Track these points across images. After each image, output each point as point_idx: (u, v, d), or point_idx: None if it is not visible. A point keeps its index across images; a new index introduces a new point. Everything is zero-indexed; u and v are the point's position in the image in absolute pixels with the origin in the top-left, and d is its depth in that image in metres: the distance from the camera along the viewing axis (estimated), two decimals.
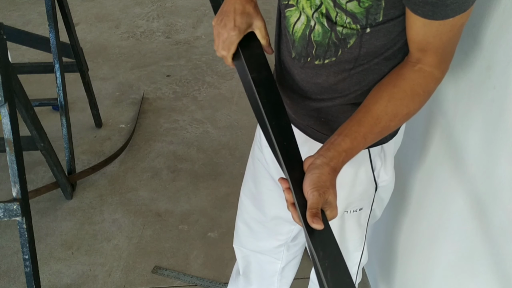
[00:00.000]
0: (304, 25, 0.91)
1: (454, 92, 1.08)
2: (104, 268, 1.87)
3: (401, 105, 0.83)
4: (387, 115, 0.82)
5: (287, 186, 0.81)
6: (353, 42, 0.87)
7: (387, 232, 1.55)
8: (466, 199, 1.05)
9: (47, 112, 2.66)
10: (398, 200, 1.43)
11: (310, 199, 0.75)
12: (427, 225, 1.27)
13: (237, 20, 0.96)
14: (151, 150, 2.46)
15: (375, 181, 1.07)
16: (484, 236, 0.99)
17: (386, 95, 0.83)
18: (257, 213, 1.27)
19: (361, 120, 0.83)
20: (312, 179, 0.77)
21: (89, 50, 3.26)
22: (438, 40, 0.79)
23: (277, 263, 1.36)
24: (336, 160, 0.80)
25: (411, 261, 1.40)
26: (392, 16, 0.82)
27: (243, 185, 1.32)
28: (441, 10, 0.74)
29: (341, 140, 0.81)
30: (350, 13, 0.82)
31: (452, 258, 1.13)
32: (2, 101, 1.48)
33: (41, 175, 2.27)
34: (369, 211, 1.13)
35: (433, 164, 1.22)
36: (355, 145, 0.82)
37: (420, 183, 1.31)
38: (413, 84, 0.83)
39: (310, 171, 0.79)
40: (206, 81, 2.99)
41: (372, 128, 0.82)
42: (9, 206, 1.50)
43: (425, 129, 1.24)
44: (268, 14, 3.72)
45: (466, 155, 1.05)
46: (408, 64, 0.85)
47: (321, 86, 0.97)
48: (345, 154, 0.81)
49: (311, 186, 0.76)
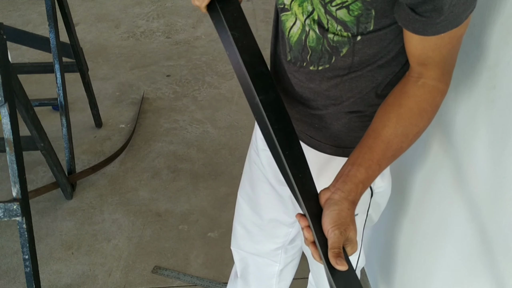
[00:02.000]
0: (300, 30, 0.90)
1: (454, 92, 1.08)
2: (104, 268, 1.87)
3: (410, 124, 0.80)
4: (397, 137, 0.80)
5: (306, 224, 0.77)
6: (346, 51, 0.86)
7: (388, 233, 1.55)
8: (466, 201, 1.05)
9: (47, 112, 2.66)
10: (398, 202, 1.43)
11: (331, 238, 0.72)
12: (427, 226, 1.27)
13: None
14: (151, 150, 2.46)
15: (371, 187, 1.06)
16: (484, 237, 0.99)
17: (393, 117, 0.80)
18: (254, 215, 1.27)
19: (372, 147, 0.81)
20: (332, 217, 0.74)
21: (89, 50, 3.26)
22: (438, 54, 0.78)
23: (275, 266, 1.36)
24: (354, 193, 0.78)
25: (411, 262, 1.40)
26: (383, 25, 0.80)
27: (240, 188, 1.32)
28: (431, 28, 0.73)
29: (356, 170, 0.79)
30: (340, 21, 0.81)
31: (452, 259, 1.13)
32: (2, 101, 1.48)
33: (41, 175, 2.27)
34: (364, 216, 1.11)
35: (433, 165, 1.22)
36: (370, 174, 0.79)
37: (420, 184, 1.31)
38: (419, 101, 0.80)
39: (329, 208, 0.76)
40: (206, 81, 2.99)
41: (385, 153, 0.80)
42: (9, 206, 1.50)
43: (426, 132, 1.24)
44: (268, 14, 3.73)
45: (466, 156, 1.05)
46: (410, 80, 0.82)
47: (314, 91, 0.96)
48: (362, 186, 0.79)
49: (332, 224, 0.73)
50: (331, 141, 1.02)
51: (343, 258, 0.71)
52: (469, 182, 1.04)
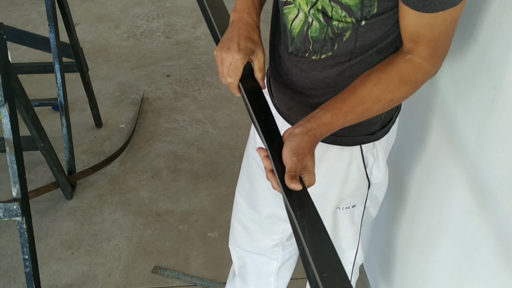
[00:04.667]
0: (302, 21, 0.91)
1: (454, 92, 1.08)
2: (104, 268, 1.87)
3: (386, 90, 0.84)
4: (371, 98, 0.84)
5: (265, 154, 0.83)
6: (349, 35, 0.88)
7: (387, 231, 1.55)
8: (465, 198, 1.05)
9: (47, 112, 2.66)
10: (397, 199, 1.43)
11: (289, 164, 0.77)
12: (426, 224, 1.27)
13: (241, 44, 0.92)
14: (151, 150, 2.46)
15: (368, 178, 1.07)
16: (483, 234, 0.99)
17: (373, 79, 0.84)
18: (252, 212, 1.28)
19: (345, 99, 0.85)
20: (291, 146, 0.79)
21: (89, 50, 3.26)
22: (430, 33, 0.80)
23: (273, 263, 1.36)
24: (315, 131, 0.82)
25: (410, 260, 1.40)
26: (386, 8, 0.83)
27: (238, 185, 1.33)
28: (430, 3, 0.75)
29: (322, 114, 0.83)
30: (345, 6, 0.83)
31: (451, 256, 1.13)
32: (2, 101, 1.48)
33: (41, 175, 2.27)
34: (362, 208, 1.13)
35: (432, 163, 1.22)
36: (335, 121, 0.84)
37: (418, 182, 1.31)
38: (401, 73, 0.84)
39: (289, 139, 0.81)
40: (206, 81, 2.99)
41: (355, 108, 0.84)
42: (9, 206, 1.50)
43: (424, 128, 1.24)
44: (268, 14, 3.72)
45: (465, 154, 1.05)
46: (400, 53, 0.86)
47: (315, 79, 0.97)
48: (323, 127, 0.83)
49: (290, 152, 0.78)
50: None
51: (298, 180, 0.75)
52: (468, 181, 1.04)
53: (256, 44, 0.94)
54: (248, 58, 0.94)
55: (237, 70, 0.92)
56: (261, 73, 0.97)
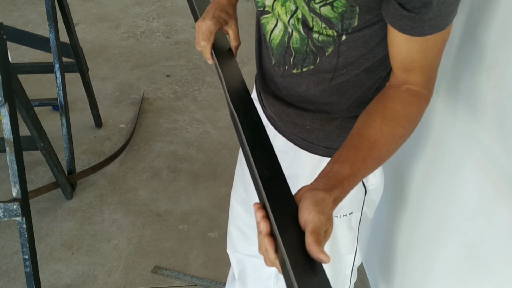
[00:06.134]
0: (282, 31, 0.89)
1: (454, 92, 1.08)
2: (104, 268, 1.87)
3: (396, 125, 0.75)
4: (383, 137, 0.74)
5: (263, 214, 0.65)
6: (331, 51, 0.85)
7: (387, 231, 1.55)
8: (466, 198, 1.05)
9: (47, 112, 2.66)
10: (397, 199, 1.43)
11: (314, 221, 0.60)
12: (427, 224, 1.27)
13: (215, 13, 0.99)
14: (151, 150, 2.46)
15: (364, 185, 1.06)
16: (484, 235, 0.99)
17: (378, 118, 0.76)
18: (249, 217, 1.27)
19: (356, 145, 0.73)
20: (316, 200, 0.63)
21: (89, 50, 3.26)
22: (423, 58, 0.76)
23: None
24: (339, 190, 0.67)
25: (411, 260, 1.40)
26: (368, 23, 0.79)
27: (233, 191, 1.32)
28: (418, 26, 0.72)
29: (339, 167, 0.70)
30: (324, 18, 0.80)
31: (452, 257, 1.13)
32: (2, 101, 1.48)
33: (41, 175, 2.27)
34: (359, 214, 1.11)
35: (432, 164, 1.22)
36: (355, 171, 0.70)
37: (419, 182, 1.31)
38: (405, 103, 0.77)
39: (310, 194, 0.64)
40: (206, 81, 2.99)
41: (370, 152, 0.73)
42: (9, 206, 1.50)
43: (424, 128, 1.24)
44: None
45: (465, 154, 1.05)
46: (392, 87, 0.79)
47: (302, 96, 0.95)
48: (347, 183, 0.69)
49: (314, 205, 0.62)
50: (323, 143, 1.01)
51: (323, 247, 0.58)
52: (469, 181, 1.04)
53: (229, 16, 1.00)
54: (223, 29, 1.00)
55: (209, 34, 0.97)
56: (236, 42, 1.02)
